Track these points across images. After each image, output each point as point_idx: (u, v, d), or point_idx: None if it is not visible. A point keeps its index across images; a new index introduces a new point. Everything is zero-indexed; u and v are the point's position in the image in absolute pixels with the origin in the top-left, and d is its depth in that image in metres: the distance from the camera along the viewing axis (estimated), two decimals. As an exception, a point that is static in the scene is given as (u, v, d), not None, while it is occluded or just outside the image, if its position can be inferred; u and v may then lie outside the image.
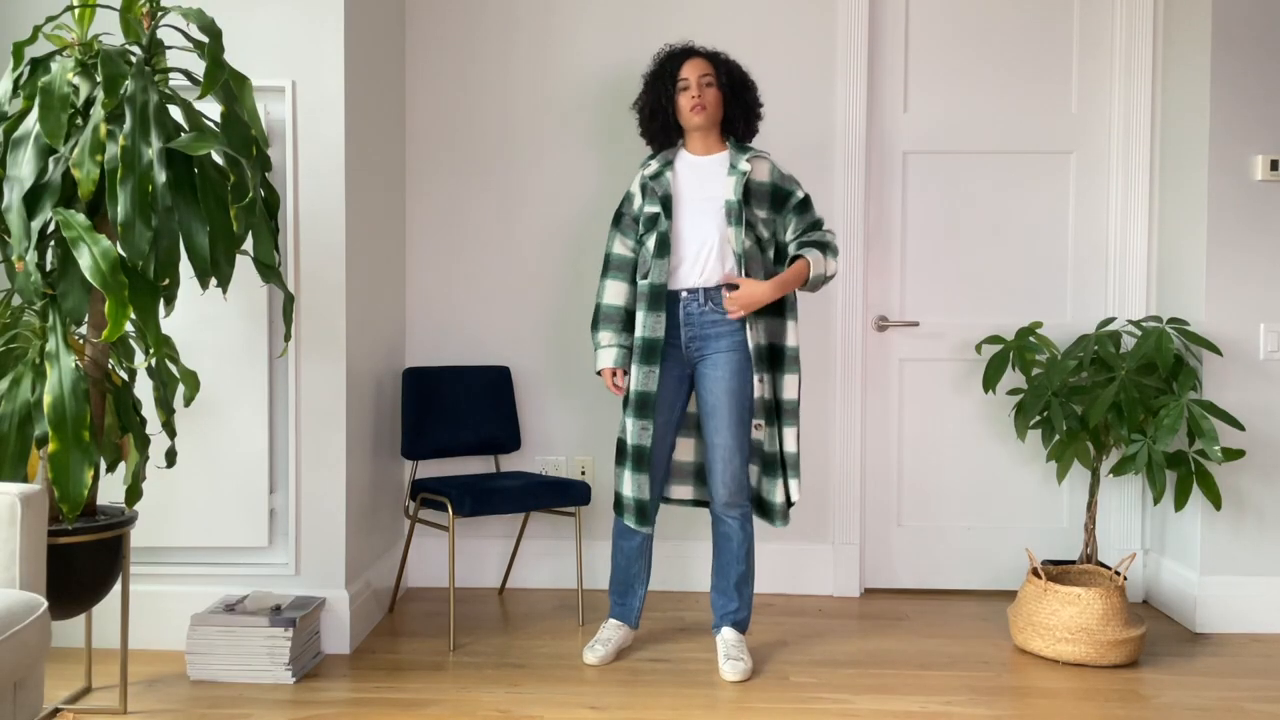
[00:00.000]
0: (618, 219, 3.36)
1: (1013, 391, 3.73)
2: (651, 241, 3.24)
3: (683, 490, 3.43)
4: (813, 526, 4.03)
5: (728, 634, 3.28)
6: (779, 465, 3.30)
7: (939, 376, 4.03)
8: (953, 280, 4.02)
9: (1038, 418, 3.57)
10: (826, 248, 3.26)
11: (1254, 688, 3.12)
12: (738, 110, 3.31)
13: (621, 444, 3.29)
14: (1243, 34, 3.58)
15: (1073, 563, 3.53)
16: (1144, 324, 3.56)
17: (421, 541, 4.03)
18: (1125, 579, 3.37)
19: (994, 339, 3.76)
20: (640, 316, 3.24)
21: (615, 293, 3.31)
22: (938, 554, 4.05)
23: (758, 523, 3.60)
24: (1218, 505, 3.41)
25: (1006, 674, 3.22)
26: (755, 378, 3.21)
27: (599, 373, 3.33)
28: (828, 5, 3.95)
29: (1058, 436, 3.56)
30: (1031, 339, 3.66)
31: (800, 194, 3.29)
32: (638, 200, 3.33)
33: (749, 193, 3.23)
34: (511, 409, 3.95)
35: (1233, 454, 3.33)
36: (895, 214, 4.01)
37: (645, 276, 3.24)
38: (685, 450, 3.40)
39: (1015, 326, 3.83)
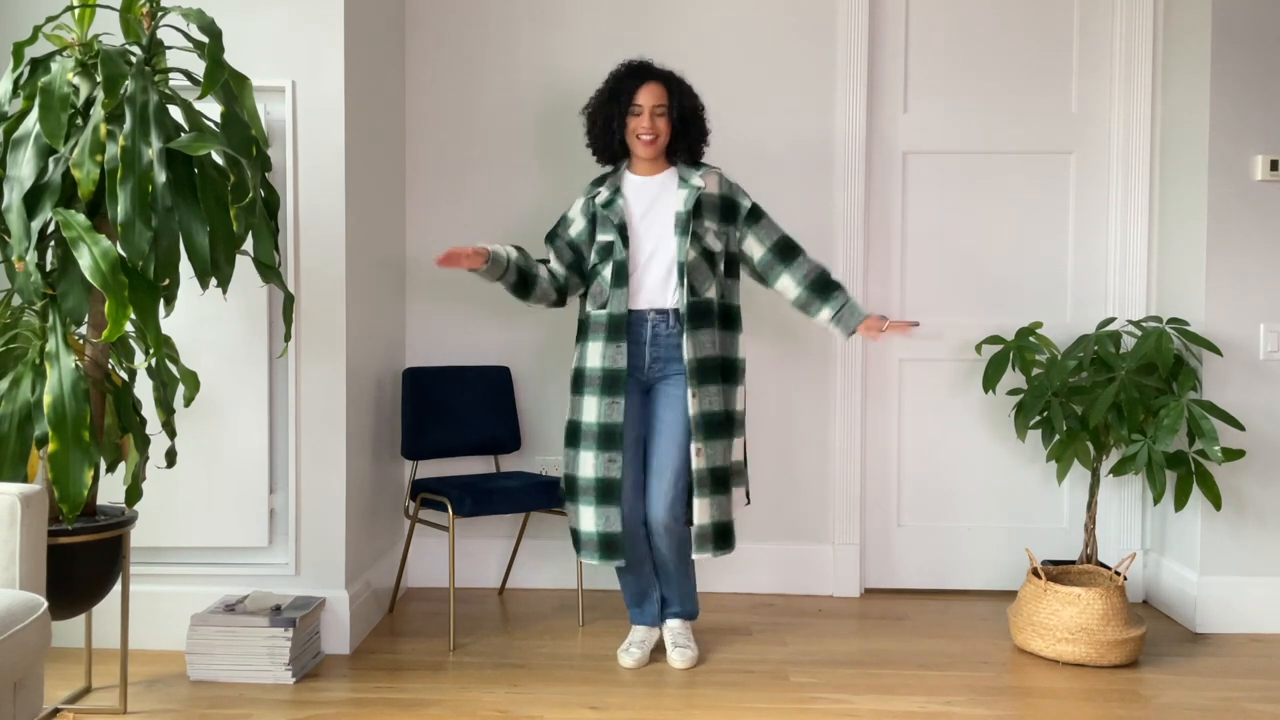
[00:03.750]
0: (551, 238, 3.40)
1: (1013, 391, 3.73)
2: (608, 271, 3.23)
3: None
4: (813, 526, 4.03)
5: (673, 624, 3.36)
6: (727, 479, 3.24)
7: (939, 376, 4.03)
8: (953, 280, 4.02)
9: (1038, 418, 3.57)
10: (838, 287, 3.28)
11: (1254, 688, 3.12)
12: (684, 140, 3.28)
13: (574, 480, 3.24)
14: (1243, 35, 3.58)
15: (1073, 563, 3.53)
16: (1144, 324, 3.56)
17: (421, 541, 4.03)
18: (1125, 579, 3.37)
19: (994, 339, 3.76)
20: (598, 347, 3.22)
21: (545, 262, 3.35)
22: (937, 554, 4.05)
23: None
24: (1218, 505, 3.41)
25: (1006, 674, 3.22)
26: (689, 393, 3.18)
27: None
28: (828, 5, 3.95)
29: (1058, 436, 3.56)
30: (1031, 339, 3.66)
31: (748, 203, 3.31)
32: (576, 226, 3.35)
33: (700, 205, 3.23)
34: (511, 409, 3.95)
35: (1233, 454, 3.33)
36: (895, 214, 4.01)
37: (603, 306, 3.23)
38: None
39: (1015, 326, 3.82)
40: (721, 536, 3.21)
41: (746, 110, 3.97)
